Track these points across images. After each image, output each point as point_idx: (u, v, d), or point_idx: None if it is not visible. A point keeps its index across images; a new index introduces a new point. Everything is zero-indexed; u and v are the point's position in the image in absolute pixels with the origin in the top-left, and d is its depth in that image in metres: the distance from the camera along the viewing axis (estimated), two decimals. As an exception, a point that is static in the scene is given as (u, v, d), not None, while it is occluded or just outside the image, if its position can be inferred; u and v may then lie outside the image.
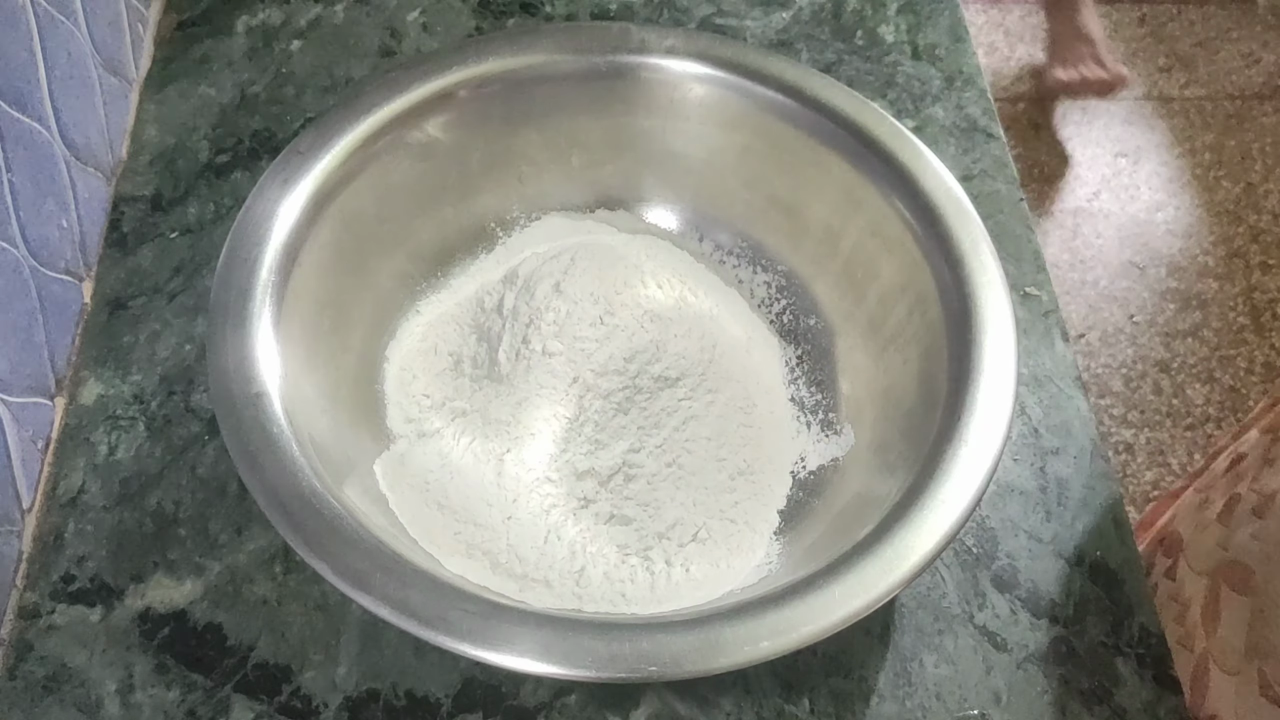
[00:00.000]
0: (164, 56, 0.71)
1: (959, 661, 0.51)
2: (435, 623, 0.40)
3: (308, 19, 0.73)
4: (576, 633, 0.40)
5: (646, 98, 0.59)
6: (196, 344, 0.59)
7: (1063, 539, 0.55)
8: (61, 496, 0.54)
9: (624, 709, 0.49)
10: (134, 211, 0.64)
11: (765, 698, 0.49)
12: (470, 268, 0.60)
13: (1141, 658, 0.51)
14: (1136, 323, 1.54)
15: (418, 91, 0.56)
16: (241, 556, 0.52)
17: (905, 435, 0.50)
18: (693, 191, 0.62)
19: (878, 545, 0.43)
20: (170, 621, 0.51)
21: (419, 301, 0.59)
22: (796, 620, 0.40)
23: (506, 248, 0.61)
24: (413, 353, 0.57)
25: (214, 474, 0.55)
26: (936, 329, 0.50)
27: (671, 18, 0.75)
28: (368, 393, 0.55)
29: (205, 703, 0.49)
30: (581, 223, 0.62)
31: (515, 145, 0.60)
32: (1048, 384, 0.60)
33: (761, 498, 0.53)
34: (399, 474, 0.52)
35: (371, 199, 0.55)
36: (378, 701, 0.49)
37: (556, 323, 0.52)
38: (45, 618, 0.51)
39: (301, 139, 0.53)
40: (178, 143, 0.67)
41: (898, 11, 0.76)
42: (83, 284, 0.60)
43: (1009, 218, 0.66)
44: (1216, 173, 1.70)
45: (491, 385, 0.55)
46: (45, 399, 0.55)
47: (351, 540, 0.42)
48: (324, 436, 0.49)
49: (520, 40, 0.58)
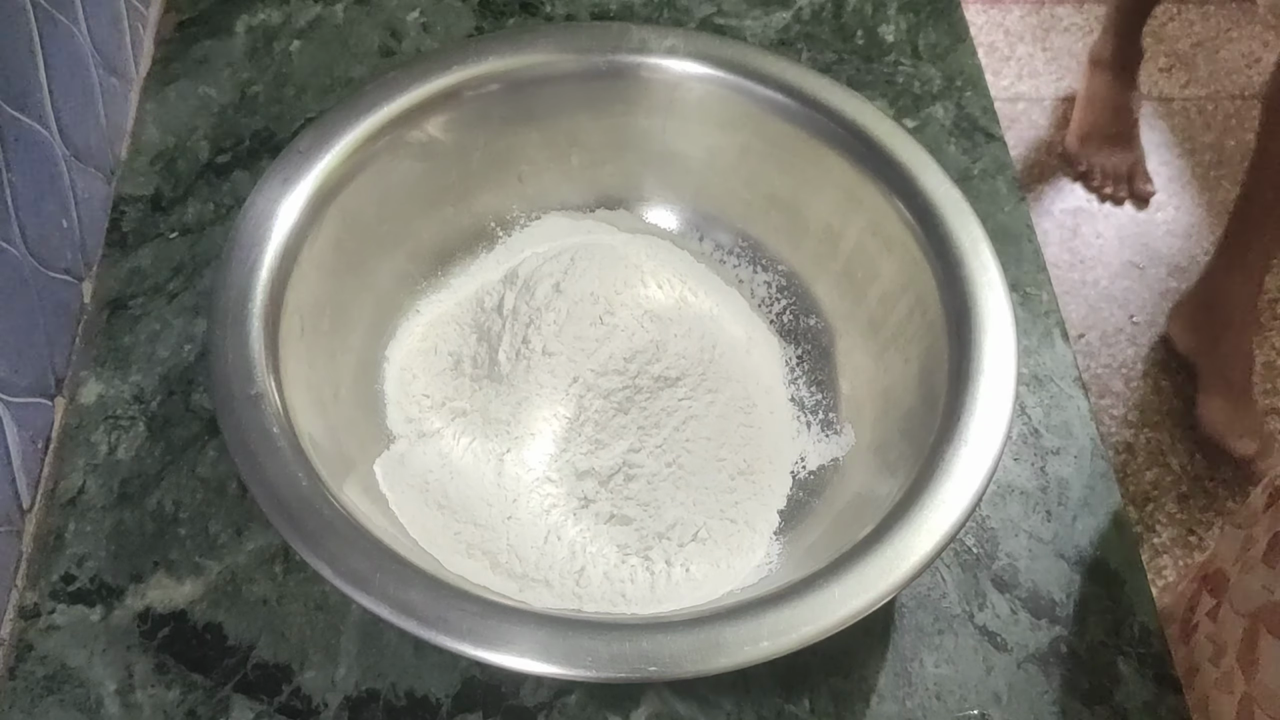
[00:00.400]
0: (164, 56, 0.71)
1: (959, 661, 0.51)
2: (435, 623, 0.40)
3: (308, 19, 0.73)
4: (577, 633, 0.40)
5: (646, 97, 0.59)
6: (196, 344, 0.59)
7: (1063, 539, 0.55)
8: (61, 496, 0.54)
9: (624, 709, 0.49)
10: (134, 211, 0.64)
11: (765, 697, 0.49)
12: (470, 267, 0.60)
13: (1142, 657, 0.51)
14: (1136, 323, 1.54)
15: (418, 91, 0.56)
16: (241, 556, 0.52)
17: (905, 435, 0.50)
18: (693, 191, 0.62)
19: (878, 545, 0.43)
20: (170, 621, 0.51)
21: (419, 301, 0.59)
22: (796, 620, 0.40)
23: (507, 247, 0.61)
24: (413, 352, 0.57)
25: (214, 474, 0.55)
26: (936, 329, 0.50)
27: (671, 17, 0.75)
28: (368, 393, 0.55)
29: (205, 702, 0.49)
30: (581, 222, 0.62)
31: (515, 145, 0.60)
32: (1048, 384, 0.60)
33: (762, 498, 0.53)
34: (399, 474, 0.52)
35: (372, 199, 0.55)
36: (377, 701, 0.49)
37: (557, 323, 0.52)
38: (45, 618, 0.51)
39: (301, 139, 0.53)
40: (178, 143, 0.67)
41: (898, 11, 0.76)
42: (83, 284, 0.60)
43: (1009, 218, 0.66)
44: (1217, 173, 1.70)
45: (492, 385, 0.55)
46: (45, 399, 0.55)
47: (351, 540, 0.42)
48: (324, 436, 0.49)
49: (520, 40, 0.58)
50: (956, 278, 0.50)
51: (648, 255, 0.58)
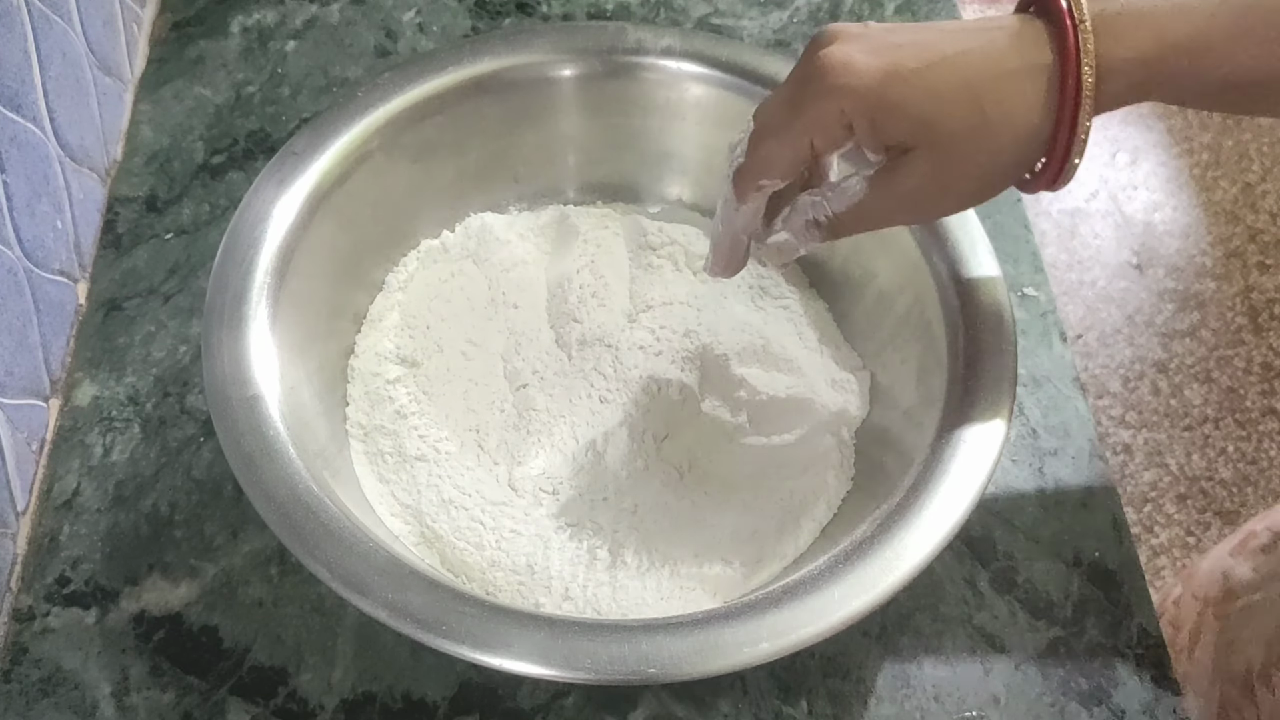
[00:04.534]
0: (159, 57, 0.71)
1: (957, 663, 0.51)
2: (433, 625, 0.40)
3: (303, 19, 0.73)
4: (575, 635, 0.40)
5: (643, 98, 0.59)
6: (192, 345, 0.59)
7: (1061, 540, 0.55)
8: (56, 499, 0.54)
9: (621, 711, 0.49)
10: (129, 212, 0.64)
11: (763, 699, 0.49)
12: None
13: (1140, 658, 0.51)
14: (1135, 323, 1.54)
15: (413, 92, 0.56)
16: (237, 559, 0.52)
17: (903, 435, 0.50)
18: (690, 191, 0.62)
19: (877, 546, 0.42)
20: (166, 624, 0.50)
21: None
22: (795, 622, 0.40)
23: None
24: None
25: (209, 476, 0.54)
26: (935, 329, 0.50)
27: (668, 17, 0.75)
28: (364, 393, 0.55)
29: (201, 705, 0.48)
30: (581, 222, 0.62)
31: (511, 146, 0.60)
32: (1046, 384, 0.60)
33: (788, 531, 0.51)
34: (397, 476, 0.52)
35: (367, 200, 0.55)
36: (374, 704, 0.49)
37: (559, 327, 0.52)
38: (40, 620, 0.50)
39: (297, 139, 0.53)
40: (173, 143, 0.67)
41: (895, 11, 0.76)
42: (77, 285, 0.60)
43: (1007, 218, 0.66)
44: (1214, 173, 1.70)
45: (494, 390, 0.54)
46: (40, 401, 0.54)
47: (348, 543, 0.42)
48: (320, 438, 0.49)
49: (516, 40, 0.58)
50: (955, 277, 0.50)
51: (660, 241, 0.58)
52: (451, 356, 0.55)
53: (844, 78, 0.39)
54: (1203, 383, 1.51)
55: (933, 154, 0.40)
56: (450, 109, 0.57)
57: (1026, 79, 0.39)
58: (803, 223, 0.44)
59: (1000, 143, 0.40)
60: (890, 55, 0.39)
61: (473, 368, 0.55)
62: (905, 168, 0.41)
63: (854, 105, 0.39)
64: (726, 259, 0.47)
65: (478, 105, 0.57)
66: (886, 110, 0.39)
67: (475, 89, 0.57)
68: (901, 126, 0.40)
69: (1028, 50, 0.39)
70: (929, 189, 0.41)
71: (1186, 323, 1.57)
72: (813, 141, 0.41)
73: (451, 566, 0.49)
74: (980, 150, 0.40)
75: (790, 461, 0.53)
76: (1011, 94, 0.39)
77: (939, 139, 0.40)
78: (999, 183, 0.42)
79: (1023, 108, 0.39)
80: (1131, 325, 1.54)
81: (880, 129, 0.40)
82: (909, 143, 0.40)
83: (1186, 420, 1.46)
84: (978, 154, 0.40)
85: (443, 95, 0.56)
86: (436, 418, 0.53)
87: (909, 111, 0.39)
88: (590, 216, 0.61)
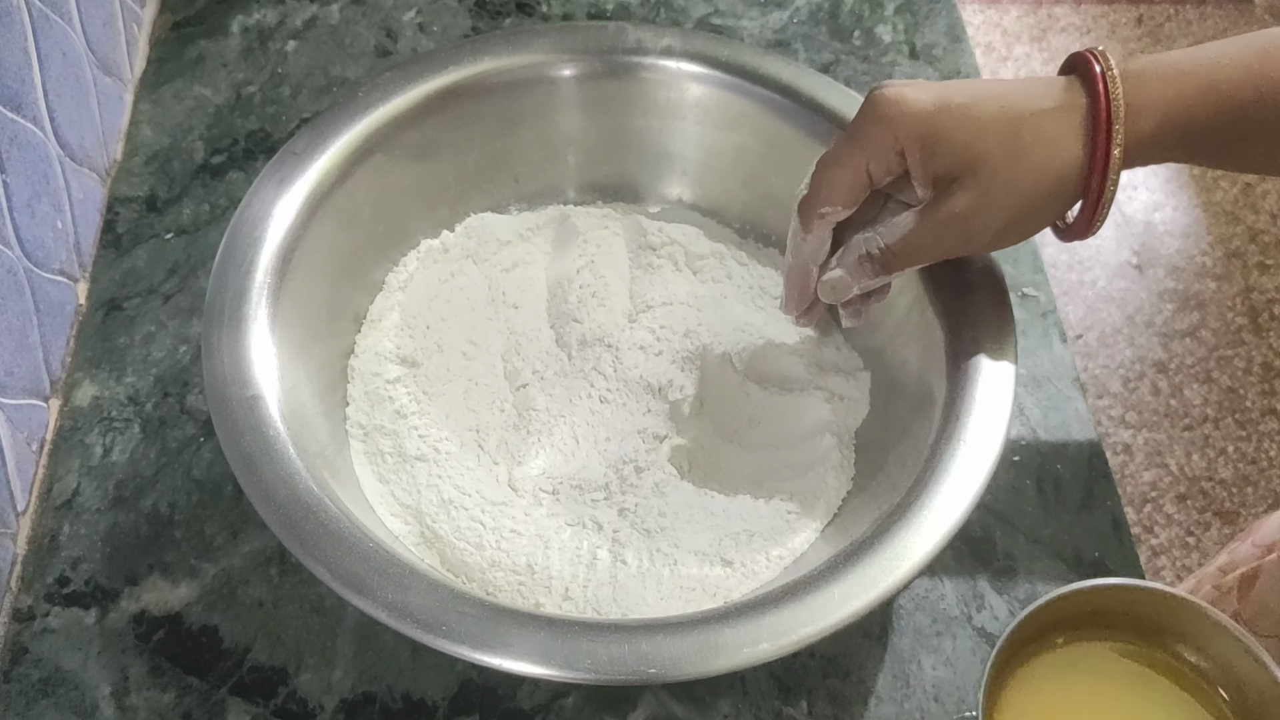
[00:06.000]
0: (159, 57, 0.71)
1: (957, 663, 0.51)
2: (433, 625, 0.40)
3: (303, 19, 0.73)
4: (575, 635, 0.40)
5: (643, 98, 0.59)
6: (192, 345, 0.59)
7: (1061, 540, 0.55)
8: (56, 499, 0.54)
9: (621, 711, 0.49)
10: (129, 212, 0.64)
11: (763, 699, 0.49)
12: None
13: (1140, 659, 0.51)
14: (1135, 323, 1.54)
15: (414, 92, 0.56)
16: (237, 559, 0.52)
17: (902, 436, 0.50)
18: (690, 191, 0.62)
19: (877, 546, 0.42)
20: (165, 624, 0.50)
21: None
22: (795, 622, 0.40)
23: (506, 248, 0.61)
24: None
25: (209, 476, 0.54)
26: (934, 329, 0.50)
27: (668, 17, 0.75)
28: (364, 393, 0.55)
29: (200, 705, 0.48)
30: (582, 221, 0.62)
31: (511, 146, 0.60)
32: (1046, 385, 0.60)
33: (788, 531, 0.51)
34: (397, 476, 0.52)
35: (367, 200, 0.55)
36: (374, 704, 0.49)
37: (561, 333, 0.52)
38: (40, 620, 0.50)
39: (297, 139, 0.53)
40: (173, 143, 0.67)
41: (895, 11, 0.76)
42: (77, 285, 0.60)
43: (1007, 218, 0.66)
44: (1214, 173, 1.70)
45: (494, 390, 0.54)
46: (40, 401, 0.54)
47: (349, 543, 0.42)
48: (320, 438, 0.49)
49: (516, 40, 0.58)
50: (954, 278, 0.50)
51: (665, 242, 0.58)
52: (451, 356, 0.55)
53: (897, 108, 0.44)
54: (1203, 383, 1.51)
55: (976, 181, 0.44)
56: (450, 109, 0.57)
57: (1063, 115, 0.44)
58: (856, 258, 0.47)
59: (1038, 169, 0.43)
60: (939, 92, 0.44)
61: (473, 368, 0.55)
62: (951, 196, 0.44)
63: (906, 133, 0.44)
64: (799, 291, 0.51)
65: (478, 105, 0.57)
66: (935, 138, 0.44)
67: (475, 89, 0.57)
68: (948, 153, 0.44)
69: (1062, 94, 0.44)
70: (974, 216, 0.44)
71: (1186, 323, 1.57)
72: (868, 167, 0.45)
73: (451, 566, 0.49)
74: (1021, 176, 0.44)
75: (790, 462, 0.52)
76: (1048, 126, 0.44)
77: (981, 166, 0.43)
78: (1042, 209, 0.45)
79: (1058, 138, 0.43)
80: (1131, 325, 1.54)
81: (929, 155, 0.44)
82: (954, 171, 0.44)
83: (1186, 420, 1.46)
84: (1019, 180, 0.44)
85: (443, 95, 0.56)
86: (436, 418, 0.53)
87: (955, 139, 0.44)
88: (590, 216, 0.61)
